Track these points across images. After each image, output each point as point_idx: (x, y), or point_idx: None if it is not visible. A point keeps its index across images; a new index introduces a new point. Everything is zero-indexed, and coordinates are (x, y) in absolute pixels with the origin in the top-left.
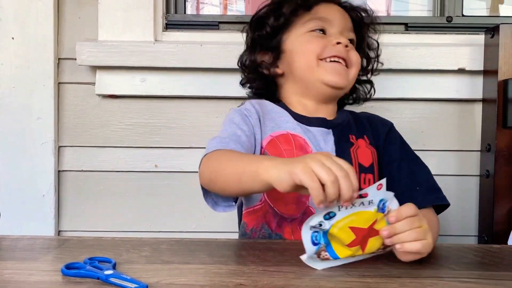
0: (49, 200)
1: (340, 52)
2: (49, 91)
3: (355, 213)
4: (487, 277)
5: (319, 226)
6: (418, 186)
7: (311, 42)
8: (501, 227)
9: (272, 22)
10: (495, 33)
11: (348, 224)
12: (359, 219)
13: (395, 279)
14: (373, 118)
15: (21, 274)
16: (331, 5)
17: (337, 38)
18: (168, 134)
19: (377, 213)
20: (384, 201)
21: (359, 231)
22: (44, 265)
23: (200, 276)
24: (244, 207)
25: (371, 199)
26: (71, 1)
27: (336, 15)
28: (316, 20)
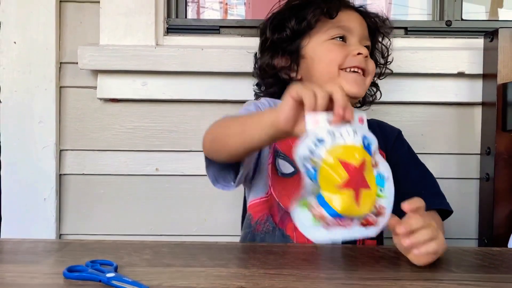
0: (50, 204)
1: (361, 63)
2: (51, 95)
3: (344, 146)
4: (487, 279)
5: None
6: (423, 190)
7: (333, 51)
8: (501, 230)
9: (293, 25)
10: (494, 37)
11: (338, 156)
12: (347, 152)
13: (395, 281)
14: (382, 125)
15: (23, 277)
16: (351, 12)
17: (358, 49)
18: (169, 138)
19: (364, 151)
20: (367, 140)
21: (350, 169)
22: (46, 268)
23: (202, 279)
24: (251, 198)
25: (354, 129)
26: (73, 6)
27: (356, 23)
28: (337, 28)
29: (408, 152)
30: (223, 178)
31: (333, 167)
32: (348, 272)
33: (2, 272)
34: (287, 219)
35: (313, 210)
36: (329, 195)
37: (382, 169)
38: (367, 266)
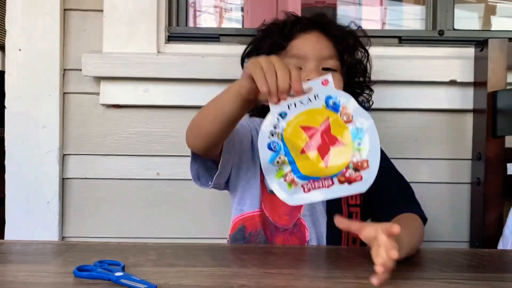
0: (53, 207)
1: None
2: (55, 101)
3: (305, 112)
4: (475, 278)
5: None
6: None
7: None
8: (492, 232)
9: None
10: (484, 47)
11: (299, 123)
12: (309, 118)
13: (389, 280)
14: None
15: (35, 276)
16: (308, 35)
17: (308, 75)
18: (170, 143)
19: (327, 111)
20: (333, 99)
21: (310, 130)
22: (56, 268)
23: (205, 278)
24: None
25: (316, 94)
26: (77, 14)
27: (311, 48)
28: (291, 58)
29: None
30: (205, 177)
31: (294, 134)
32: (344, 271)
33: (14, 272)
34: (276, 233)
35: (287, 178)
36: (298, 161)
37: (359, 122)
38: (363, 266)
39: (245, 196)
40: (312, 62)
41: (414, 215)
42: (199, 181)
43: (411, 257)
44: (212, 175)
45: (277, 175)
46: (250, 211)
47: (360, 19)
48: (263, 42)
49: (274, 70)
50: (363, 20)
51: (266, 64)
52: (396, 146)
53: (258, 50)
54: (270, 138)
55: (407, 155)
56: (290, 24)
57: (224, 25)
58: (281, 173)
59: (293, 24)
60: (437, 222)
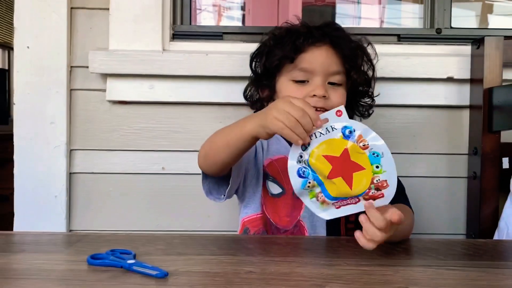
0: (61, 201)
1: (317, 103)
2: (62, 97)
3: (325, 142)
4: (471, 265)
5: (301, 158)
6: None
7: (293, 93)
8: (488, 225)
9: (264, 63)
10: (480, 45)
11: (321, 153)
12: (328, 147)
13: (389, 267)
14: None
15: (49, 264)
16: (317, 49)
17: (314, 91)
18: (175, 138)
19: (345, 140)
20: (349, 128)
21: (332, 159)
22: (69, 257)
23: (214, 265)
24: (249, 213)
25: (332, 125)
26: (83, 12)
27: (320, 63)
28: (298, 71)
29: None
30: (216, 191)
31: (317, 163)
32: (346, 259)
33: (29, 260)
34: (277, 234)
35: (318, 198)
36: (326, 185)
37: (376, 148)
38: (364, 255)
39: (250, 201)
40: (319, 78)
41: (407, 207)
42: (211, 195)
43: (409, 246)
44: (223, 189)
45: (310, 196)
46: (253, 213)
47: (359, 18)
48: (274, 50)
49: (297, 121)
50: (362, 18)
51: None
52: (394, 141)
53: (268, 57)
54: (298, 165)
55: (405, 150)
56: (302, 37)
57: (225, 23)
58: (313, 194)
59: (306, 37)
60: (435, 215)
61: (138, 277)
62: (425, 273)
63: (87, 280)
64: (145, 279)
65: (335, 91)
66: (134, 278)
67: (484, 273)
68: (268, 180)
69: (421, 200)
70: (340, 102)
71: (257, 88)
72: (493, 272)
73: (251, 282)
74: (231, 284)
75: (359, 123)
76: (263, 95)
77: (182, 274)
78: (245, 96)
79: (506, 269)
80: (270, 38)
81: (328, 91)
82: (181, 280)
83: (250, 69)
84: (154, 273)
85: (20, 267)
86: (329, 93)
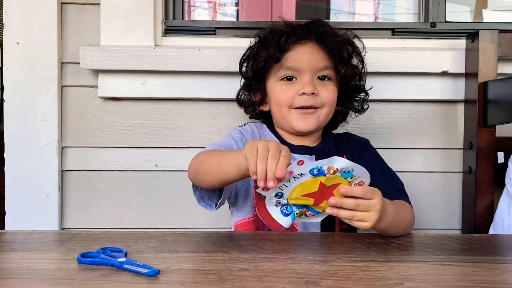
0: (53, 199)
1: (307, 102)
2: (53, 94)
3: (298, 185)
4: (467, 261)
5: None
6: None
7: (282, 92)
8: (483, 219)
9: (252, 66)
10: (475, 38)
11: (299, 194)
12: (303, 188)
13: (384, 263)
14: (350, 138)
15: (40, 263)
16: (302, 47)
17: (303, 88)
18: (168, 135)
19: (316, 178)
20: (317, 168)
21: (312, 195)
22: (59, 255)
23: (206, 263)
24: (241, 217)
25: (299, 173)
26: (74, 8)
27: (306, 60)
28: (285, 69)
29: (373, 159)
30: (209, 196)
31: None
32: (340, 255)
33: (19, 259)
34: None
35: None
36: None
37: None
38: (358, 251)
39: (242, 204)
40: (307, 75)
41: (405, 202)
42: (203, 202)
43: (404, 242)
44: (215, 195)
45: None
46: (246, 217)
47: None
48: (259, 52)
49: (266, 159)
50: (356, 14)
51: (261, 151)
52: (389, 136)
53: (254, 60)
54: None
55: (400, 145)
56: (285, 36)
57: (219, 19)
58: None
59: (288, 36)
60: (430, 210)
61: (129, 275)
62: (420, 269)
63: (76, 279)
64: (136, 277)
65: (324, 86)
66: (124, 277)
67: (480, 268)
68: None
69: (416, 195)
70: (330, 98)
71: (249, 92)
72: (488, 267)
73: (244, 279)
74: (223, 282)
75: (322, 160)
76: (255, 99)
77: (174, 272)
78: (238, 101)
79: (502, 264)
80: (254, 41)
81: (317, 87)
82: (172, 278)
83: (240, 73)
84: (145, 271)
85: (10, 266)
86: (318, 90)
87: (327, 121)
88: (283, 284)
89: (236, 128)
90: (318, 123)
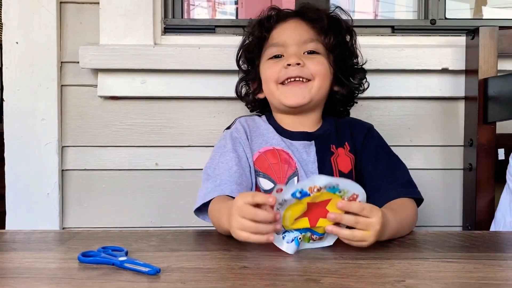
0: (53, 199)
1: (292, 73)
2: (53, 94)
3: (286, 210)
4: (468, 257)
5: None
6: (393, 181)
7: (268, 69)
8: (484, 216)
9: (245, 55)
10: (475, 35)
11: (292, 218)
12: (293, 211)
13: (384, 260)
14: (353, 123)
15: (40, 262)
16: (287, 23)
17: (287, 60)
18: (168, 134)
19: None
20: (298, 191)
21: (304, 214)
22: (60, 255)
23: (207, 261)
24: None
25: (283, 199)
26: (73, 7)
27: (289, 34)
28: (272, 47)
29: (378, 147)
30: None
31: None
32: (341, 253)
33: (19, 259)
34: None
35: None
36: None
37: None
38: (359, 249)
39: None
40: (292, 47)
41: (409, 201)
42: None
43: (405, 239)
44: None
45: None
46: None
47: (353, 11)
48: (248, 40)
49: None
50: (355, 11)
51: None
52: (390, 133)
53: (245, 49)
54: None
55: (401, 143)
56: (268, 17)
57: (218, 18)
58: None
59: (271, 16)
60: (431, 207)
61: (130, 274)
62: (421, 266)
63: (77, 278)
64: (137, 276)
65: (312, 59)
66: (125, 275)
67: (481, 265)
68: (258, 176)
69: None
70: (319, 68)
71: (246, 82)
72: (490, 264)
73: (245, 277)
74: (224, 280)
75: (302, 181)
76: (253, 88)
77: (174, 271)
78: (237, 92)
79: (503, 261)
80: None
81: (304, 59)
82: (173, 276)
83: (237, 67)
84: (146, 270)
85: (11, 266)
86: (305, 62)
87: (321, 96)
88: (284, 282)
89: (226, 133)
90: (310, 96)
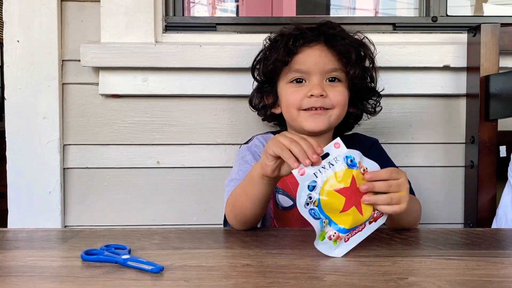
0: (55, 197)
1: (316, 103)
2: (54, 92)
3: (331, 176)
4: (470, 255)
5: (310, 200)
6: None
7: (291, 94)
8: (485, 214)
9: (262, 69)
10: (476, 32)
11: (332, 188)
12: (336, 180)
13: (387, 258)
14: (361, 138)
15: (44, 261)
16: (312, 50)
17: (311, 91)
18: (169, 132)
19: (350, 169)
20: (350, 157)
21: (344, 191)
22: (63, 253)
23: (210, 259)
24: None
25: (335, 157)
26: (74, 5)
27: (314, 62)
28: (294, 72)
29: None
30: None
31: (330, 199)
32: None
33: (23, 257)
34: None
35: (331, 237)
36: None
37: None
38: (362, 246)
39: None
40: (315, 77)
41: (414, 196)
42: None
43: (407, 236)
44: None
45: (320, 238)
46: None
47: (354, 9)
48: (269, 56)
49: (297, 142)
50: (356, 9)
51: (287, 139)
52: (391, 131)
53: (264, 63)
54: (307, 207)
55: (402, 140)
56: (293, 39)
57: (218, 15)
58: (323, 235)
59: (297, 39)
60: (432, 205)
61: (133, 272)
62: (424, 263)
63: (80, 276)
64: (140, 274)
65: (333, 88)
66: (129, 274)
67: (483, 262)
68: (278, 193)
69: (418, 190)
70: (340, 99)
71: (261, 95)
72: (492, 261)
73: (248, 275)
74: (227, 278)
75: (354, 150)
76: (268, 102)
77: (177, 269)
78: (251, 104)
79: (505, 258)
80: (264, 46)
81: (326, 89)
82: (176, 274)
83: (252, 77)
84: (149, 268)
85: (14, 264)
86: (327, 91)
87: (339, 122)
88: (287, 279)
89: (245, 147)
90: (329, 123)
